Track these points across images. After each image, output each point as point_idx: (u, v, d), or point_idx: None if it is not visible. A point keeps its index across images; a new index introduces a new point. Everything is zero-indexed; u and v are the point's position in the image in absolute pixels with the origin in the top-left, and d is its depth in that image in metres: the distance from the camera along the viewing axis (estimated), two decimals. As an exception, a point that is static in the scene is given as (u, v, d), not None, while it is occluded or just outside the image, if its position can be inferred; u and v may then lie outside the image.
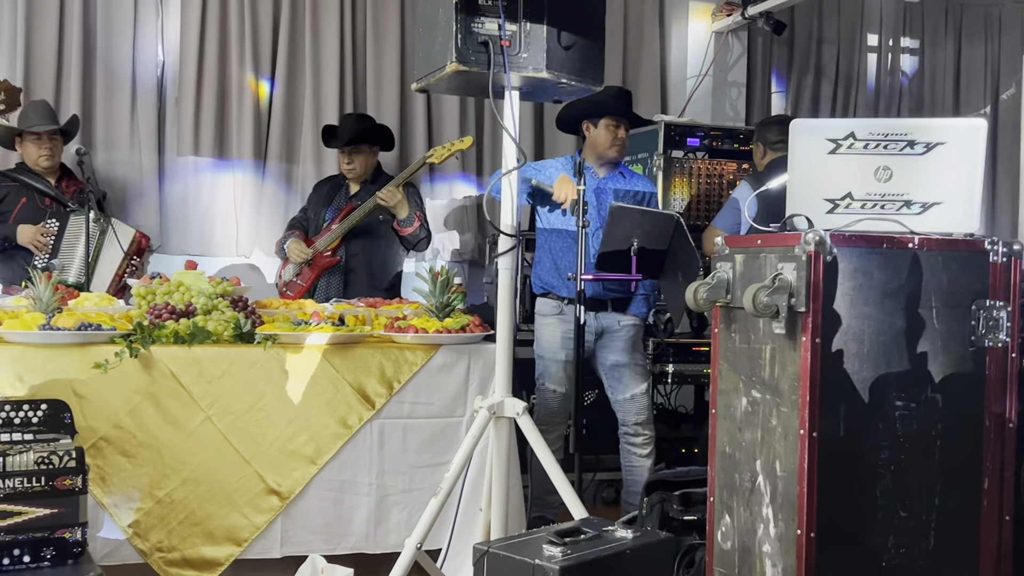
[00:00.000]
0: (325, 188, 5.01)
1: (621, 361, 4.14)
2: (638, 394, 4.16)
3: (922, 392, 2.41)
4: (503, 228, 2.86)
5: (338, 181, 5.01)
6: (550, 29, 2.69)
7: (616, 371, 4.16)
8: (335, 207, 4.88)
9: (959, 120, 2.67)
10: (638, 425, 4.17)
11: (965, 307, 2.44)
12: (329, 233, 4.77)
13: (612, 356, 4.15)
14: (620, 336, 4.14)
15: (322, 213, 4.91)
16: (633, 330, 4.17)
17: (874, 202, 2.51)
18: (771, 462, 2.42)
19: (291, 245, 4.80)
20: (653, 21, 6.10)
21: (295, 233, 4.88)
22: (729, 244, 2.60)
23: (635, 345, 4.18)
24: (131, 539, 3.04)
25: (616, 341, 4.15)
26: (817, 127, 2.59)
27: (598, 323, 4.12)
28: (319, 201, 4.96)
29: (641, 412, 4.17)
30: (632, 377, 4.16)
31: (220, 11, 5.17)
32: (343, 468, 3.24)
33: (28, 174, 4.54)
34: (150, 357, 3.06)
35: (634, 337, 4.18)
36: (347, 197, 4.91)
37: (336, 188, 4.98)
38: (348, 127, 4.90)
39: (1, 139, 4.58)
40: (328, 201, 4.93)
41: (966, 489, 2.46)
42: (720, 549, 2.61)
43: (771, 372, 2.42)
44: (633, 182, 4.27)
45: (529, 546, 2.34)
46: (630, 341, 4.15)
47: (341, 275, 4.80)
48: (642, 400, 4.18)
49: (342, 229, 4.73)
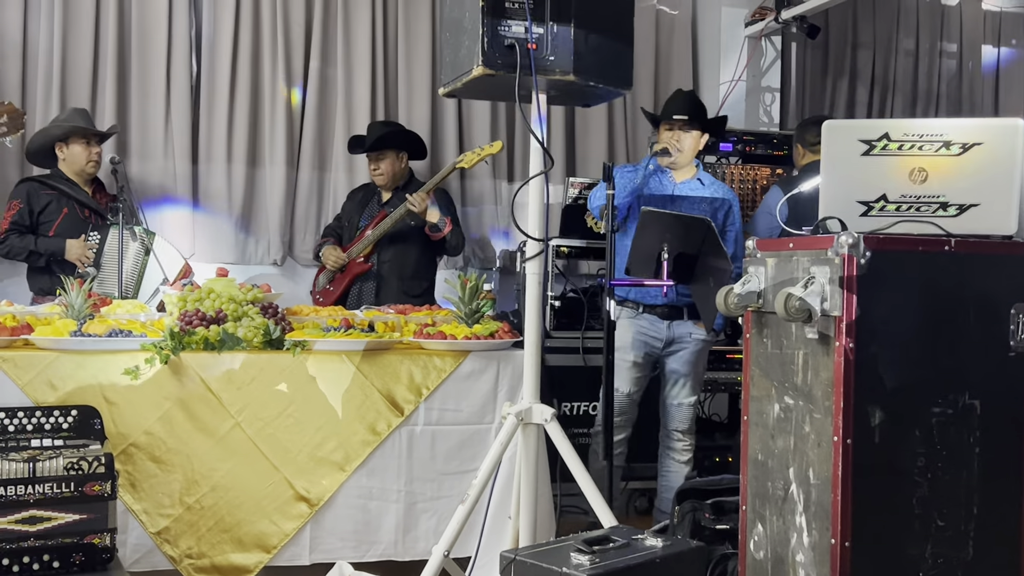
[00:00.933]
0: (359, 196, 5.04)
1: (681, 371, 4.11)
2: (686, 404, 4.14)
3: (959, 398, 2.35)
4: (531, 233, 2.84)
5: (371, 189, 5.03)
6: (578, 31, 2.67)
7: (673, 376, 4.13)
8: (368, 214, 4.90)
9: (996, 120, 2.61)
10: (680, 432, 4.15)
11: (1004, 311, 2.39)
12: (362, 240, 4.78)
13: (674, 364, 4.12)
14: (688, 347, 4.10)
15: (356, 220, 4.93)
16: (702, 344, 4.11)
17: (909, 204, 2.46)
18: (804, 470, 2.37)
19: (327, 251, 4.84)
20: (685, 26, 6.06)
21: (330, 240, 4.91)
22: (760, 248, 2.56)
23: (699, 358, 4.14)
24: (161, 545, 3.04)
25: (683, 352, 4.10)
26: (850, 128, 2.54)
27: (671, 332, 4.07)
28: (353, 209, 4.99)
29: (685, 420, 4.15)
30: (684, 386, 4.13)
31: (253, 19, 5.21)
32: (372, 475, 3.23)
33: (66, 183, 4.51)
34: (180, 364, 3.07)
35: (701, 351, 4.13)
36: (379, 204, 4.93)
37: (369, 195, 5.01)
38: (372, 132, 4.93)
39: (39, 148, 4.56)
40: (361, 208, 4.96)
41: (1006, 498, 2.40)
42: (753, 559, 2.57)
43: (804, 378, 2.38)
44: (713, 189, 4.15)
45: (557, 554, 2.31)
46: (696, 354, 4.11)
47: (373, 281, 4.82)
48: (689, 410, 4.15)
49: (375, 236, 4.74)
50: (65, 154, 4.52)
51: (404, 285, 4.84)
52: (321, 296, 4.83)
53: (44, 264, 4.45)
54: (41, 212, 4.47)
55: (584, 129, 5.82)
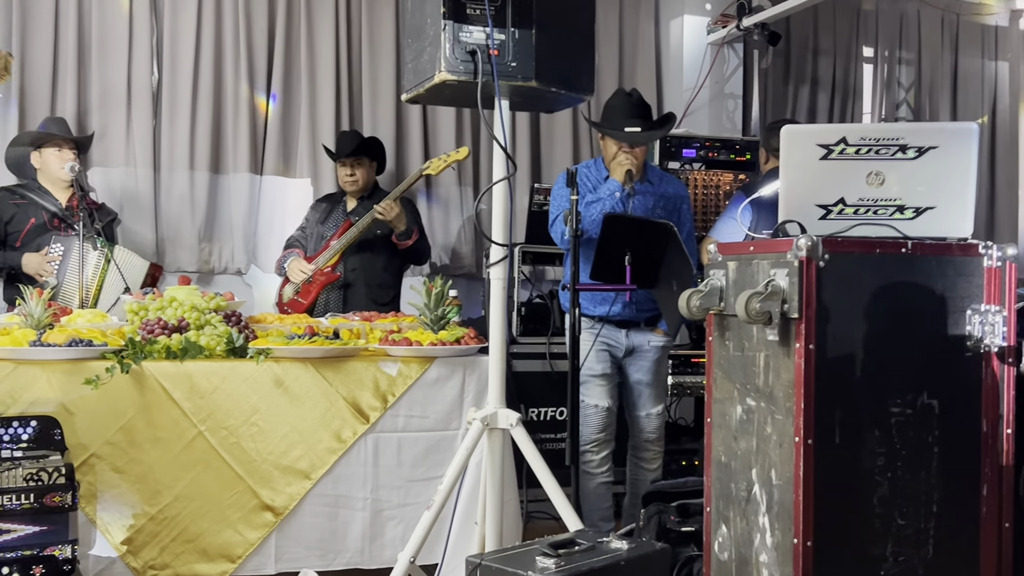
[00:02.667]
0: (323, 206, 5.03)
1: (644, 380, 4.09)
2: (654, 414, 4.12)
3: (918, 398, 2.38)
4: (495, 238, 2.85)
5: (335, 198, 5.02)
6: (540, 37, 2.68)
7: (637, 388, 4.11)
8: (333, 224, 4.89)
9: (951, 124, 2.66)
10: (649, 442, 4.13)
11: (960, 312, 2.42)
12: (328, 249, 4.76)
13: (636, 374, 4.10)
14: (648, 356, 4.08)
15: (320, 230, 4.91)
16: (660, 352, 4.11)
17: (867, 207, 2.49)
18: (767, 471, 2.39)
19: (292, 264, 4.80)
20: (649, 33, 6.11)
21: (295, 252, 4.88)
22: (722, 251, 2.58)
23: (659, 365, 4.14)
24: (123, 556, 3.01)
25: (643, 360, 4.08)
26: (808, 133, 2.57)
27: (629, 341, 4.06)
28: (317, 219, 4.97)
29: (654, 431, 4.13)
30: (651, 397, 4.11)
31: (215, 26, 5.18)
32: (337, 483, 3.22)
33: (37, 192, 4.49)
34: (142, 373, 3.04)
35: (661, 358, 4.13)
36: (344, 213, 4.91)
37: (334, 205, 4.99)
38: (349, 140, 4.94)
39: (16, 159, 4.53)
40: (326, 218, 4.94)
41: (965, 496, 2.43)
42: (717, 560, 2.58)
43: (765, 380, 2.40)
44: (663, 186, 4.10)
45: (523, 558, 2.32)
46: (656, 362, 4.10)
47: (341, 291, 4.80)
48: (656, 420, 4.13)
49: (341, 245, 4.73)
50: (39, 163, 4.50)
51: (372, 293, 4.83)
52: (290, 307, 4.79)
53: (6, 277, 4.41)
54: (8, 222, 4.44)
55: (549, 135, 5.84)
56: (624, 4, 6.01)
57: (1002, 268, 2.43)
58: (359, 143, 4.92)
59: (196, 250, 5.18)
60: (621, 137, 3.90)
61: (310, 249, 4.91)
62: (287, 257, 4.87)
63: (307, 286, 4.78)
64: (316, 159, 5.27)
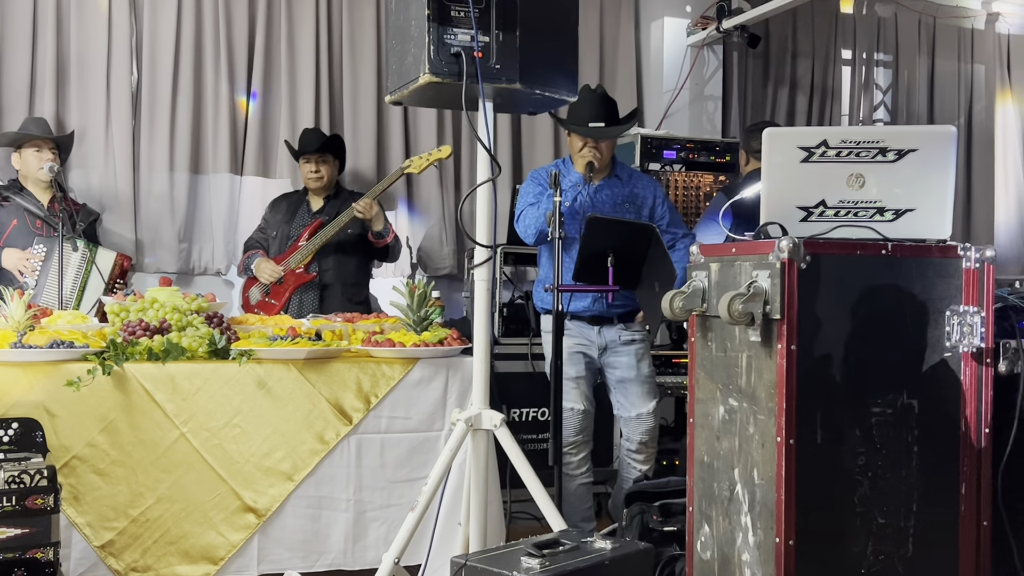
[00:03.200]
0: (283, 205, 4.98)
1: (627, 377, 4.04)
2: (644, 414, 4.05)
3: (898, 398, 2.41)
4: (479, 239, 2.86)
5: (298, 197, 4.99)
6: (523, 40, 2.69)
7: (623, 387, 4.06)
8: (300, 223, 4.86)
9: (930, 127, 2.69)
10: (642, 444, 4.07)
11: (939, 313, 2.45)
12: (299, 250, 4.74)
13: (618, 371, 4.05)
14: (626, 351, 4.04)
15: (286, 230, 4.87)
16: (639, 346, 4.06)
17: (847, 209, 2.52)
18: (749, 470, 2.41)
19: (260, 265, 4.75)
20: (629, 35, 6.13)
21: (258, 253, 4.84)
22: (704, 253, 2.60)
23: (641, 358, 4.07)
24: (105, 559, 2.99)
25: (621, 356, 4.04)
26: (790, 135, 2.59)
27: (601, 338, 4.03)
28: (280, 219, 4.92)
29: (646, 432, 4.06)
30: (639, 395, 4.05)
31: (194, 26, 5.15)
32: (320, 484, 3.21)
33: (20, 193, 4.47)
34: (123, 374, 3.03)
35: (639, 350, 4.06)
36: (311, 213, 4.89)
37: (296, 204, 4.95)
38: (313, 137, 4.93)
39: None
40: (291, 218, 4.90)
41: (944, 495, 2.46)
42: (700, 559, 2.60)
43: (747, 380, 2.42)
44: (632, 185, 4.09)
45: (507, 559, 2.32)
46: (634, 355, 4.05)
47: (316, 291, 4.78)
48: (648, 420, 4.06)
49: (315, 245, 4.71)
50: (19, 164, 4.49)
51: (347, 292, 4.82)
52: (260, 310, 4.74)
53: None
54: None
55: (530, 136, 5.85)
56: (605, 6, 6.04)
57: (980, 269, 2.47)
58: (324, 140, 4.90)
59: (176, 251, 5.15)
60: (583, 132, 3.93)
61: (273, 250, 4.87)
62: (251, 258, 4.82)
63: (278, 287, 4.74)
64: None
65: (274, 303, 4.73)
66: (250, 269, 4.81)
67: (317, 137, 4.93)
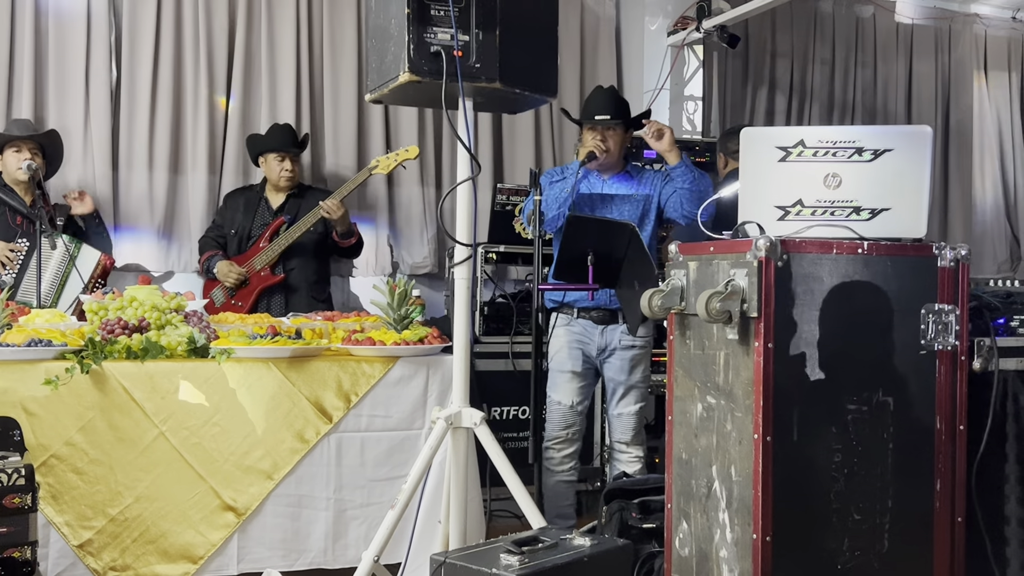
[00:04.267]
0: (240, 202, 4.92)
1: (616, 378, 4.02)
2: (626, 414, 4.05)
3: (874, 396, 2.44)
4: (459, 238, 2.86)
5: (254, 193, 4.95)
6: (503, 39, 2.69)
7: (610, 386, 4.06)
8: (261, 223, 4.84)
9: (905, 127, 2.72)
10: (623, 443, 4.06)
11: (914, 311, 2.48)
12: (263, 251, 4.71)
13: (610, 372, 4.04)
14: (620, 355, 4.01)
15: (247, 229, 4.83)
16: (634, 350, 4.02)
17: (824, 208, 2.54)
18: (726, 467, 2.43)
19: (222, 268, 4.71)
20: (609, 35, 6.15)
21: (218, 255, 4.79)
22: (682, 251, 2.62)
23: (636, 364, 4.03)
24: (84, 558, 2.98)
25: (616, 360, 4.01)
26: (767, 135, 2.62)
27: (604, 339, 3.99)
28: (240, 217, 4.87)
29: (626, 431, 4.05)
30: (622, 396, 4.04)
31: (174, 24, 5.13)
32: (300, 483, 3.21)
33: (2, 190, 4.46)
34: (102, 373, 3.02)
35: (635, 356, 4.02)
36: (271, 211, 4.86)
37: (255, 201, 4.91)
38: (286, 133, 4.90)
39: None
40: (251, 216, 4.86)
41: (918, 491, 2.49)
42: (678, 556, 2.62)
43: (725, 378, 2.44)
44: (643, 185, 4.06)
45: (486, 556, 2.34)
46: (630, 361, 4.01)
47: (282, 292, 4.76)
48: (629, 420, 4.05)
49: (280, 246, 4.68)
50: (1, 164, 4.49)
51: (312, 291, 4.81)
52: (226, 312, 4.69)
53: None
54: None
55: (511, 135, 5.86)
56: (585, 6, 6.05)
57: (955, 268, 2.50)
58: (299, 138, 4.88)
59: (155, 249, 5.13)
60: (587, 122, 4.00)
61: (232, 249, 4.83)
62: (212, 260, 4.77)
63: (243, 289, 4.71)
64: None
65: (240, 305, 4.69)
66: (211, 272, 4.76)
67: (290, 134, 4.90)
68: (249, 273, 4.70)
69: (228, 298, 4.72)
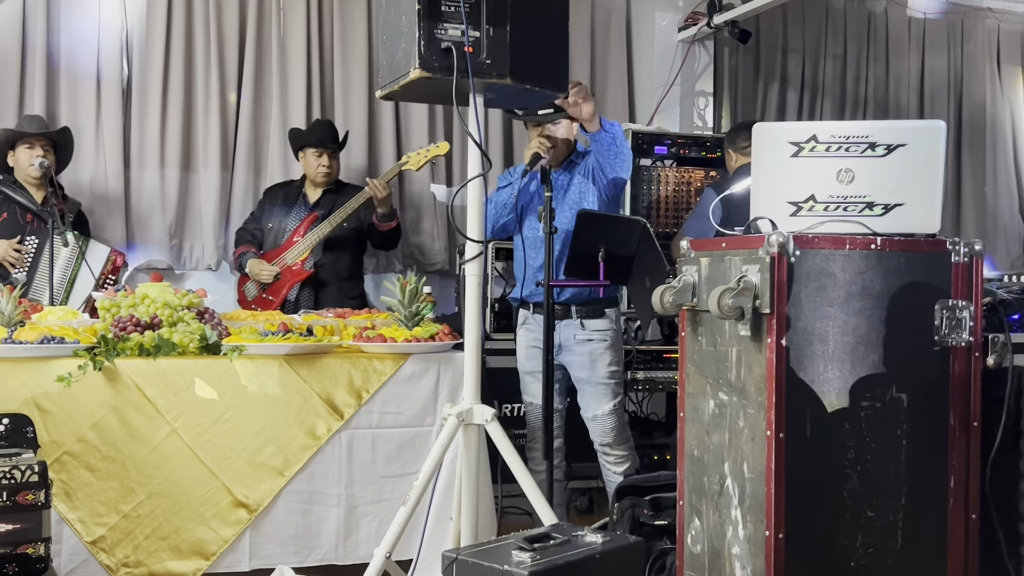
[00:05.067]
0: (280, 196, 4.94)
1: (581, 377, 3.93)
2: (600, 415, 3.92)
3: (887, 392, 2.42)
4: (470, 235, 2.86)
5: (294, 189, 4.96)
6: (514, 35, 2.69)
7: (580, 387, 3.96)
8: (296, 217, 4.84)
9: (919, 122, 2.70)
10: (605, 445, 3.97)
11: (928, 307, 2.46)
12: (296, 245, 4.72)
13: (574, 371, 3.95)
14: (579, 350, 3.91)
15: (282, 223, 4.84)
16: (592, 343, 3.90)
17: (837, 204, 2.53)
18: (739, 464, 2.42)
19: (254, 267, 4.73)
20: (619, 30, 6.13)
21: (251, 251, 4.81)
22: (694, 247, 2.61)
23: (596, 360, 3.90)
24: (97, 554, 2.99)
25: (574, 355, 3.92)
26: (779, 130, 2.61)
27: (557, 335, 3.82)
28: (278, 212, 4.89)
29: (606, 433, 3.94)
30: (593, 396, 3.93)
31: (185, 20, 5.14)
32: (312, 479, 3.21)
33: (12, 187, 4.47)
34: (114, 370, 3.02)
35: (595, 350, 3.90)
36: (307, 206, 4.87)
37: (293, 196, 4.92)
38: (322, 129, 4.90)
39: None
40: (287, 211, 4.87)
41: (932, 488, 2.48)
42: (690, 552, 2.61)
43: (737, 374, 2.43)
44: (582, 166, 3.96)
45: (498, 552, 2.33)
46: (588, 355, 3.90)
47: (311, 287, 4.77)
48: (606, 421, 3.92)
49: (314, 238, 4.69)
50: (13, 160, 4.49)
51: (343, 288, 4.81)
52: (258, 306, 4.72)
53: None
54: None
55: (522, 132, 5.84)
56: (595, 1, 6.04)
57: (969, 264, 2.48)
58: (339, 134, 4.89)
59: (167, 246, 5.15)
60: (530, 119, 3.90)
61: (268, 242, 4.84)
62: (244, 256, 4.79)
63: (274, 284, 4.73)
64: (288, 155, 5.23)
65: (271, 299, 4.71)
66: (244, 269, 4.79)
67: (330, 129, 4.90)
68: (281, 267, 4.71)
69: (260, 292, 4.74)
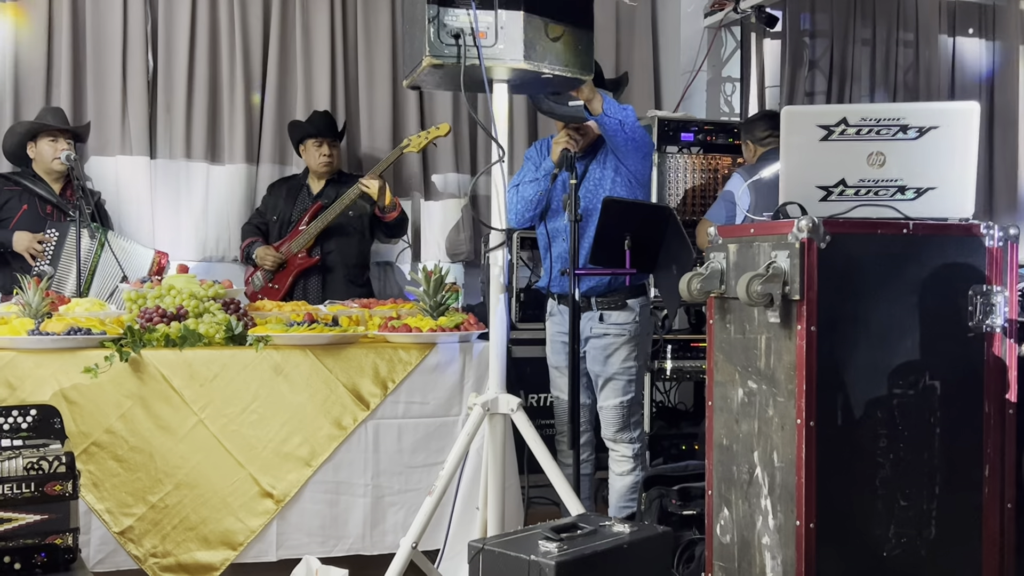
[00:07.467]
0: (283, 189, 5.00)
1: (595, 370, 3.81)
2: (607, 407, 3.77)
3: (920, 379, 2.38)
4: (493, 224, 2.83)
5: (297, 181, 5.01)
6: (531, 18, 2.64)
7: (593, 378, 3.84)
8: (300, 208, 4.88)
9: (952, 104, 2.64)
10: (608, 439, 3.83)
11: (962, 292, 2.42)
12: (301, 234, 4.74)
13: (589, 364, 3.82)
14: (595, 343, 3.76)
15: (287, 215, 4.89)
16: (607, 338, 3.75)
17: (868, 188, 2.48)
18: (769, 453, 2.39)
19: (261, 252, 4.79)
20: (645, 16, 6.07)
21: (258, 241, 4.86)
22: (722, 234, 2.57)
23: (610, 355, 3.75)
24: (125, 545, 3.01)
25: (592, 350, 3.77)
26: (809, 113, 2.56)
27: (581, 327, 3.65)
28: (281, 204, 4.94)
29: (609, 426, 3.78)
30: (604, 389, 3.78)
31: (210, 13, 5.14)
32: (338, 470, 3.21)
33: (32, 180, 4.50)
34: (141, 361, 3.03)
35: (610, 345, 3.74)
36: (311, 196, 4.90)
37: (296, 188, 4.97)
38: (325, 120, 4.93)
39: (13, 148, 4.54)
40: (292, 202, 4.92)
41: (966, 477, 2.43)
42: (719, 543, 2.58)
43: (767, 362, 2.39)
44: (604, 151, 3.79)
45: (525, 542, 2.31)
46: (603, 351, 3.75)
47: (319, 275, 4.79)
48: (610, 414, 3.76)
49: (316, 228, 4.71)
50: (35, 152, 4.51)
51: (350, 275, 4.84)
52: (264, 295, 4.72)
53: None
54: (1, 208, 4.45)
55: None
56: (621, -13, 5.99)
57: (1004, 248, 2.43)
58: (338, 125, 4.91)
59: (193, 238, 5.16)
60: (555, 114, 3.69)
61: (274, 235, 4.89)
62: (251, 246, 4.84)
63: (280, 273, 4.75)
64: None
65: (277, 287, 4.75)
66: (251, 258, 4.84)
67: (329, 120, 4.93)
68: (287, 256, 4.73)
69: (266, 282, 4.77)
